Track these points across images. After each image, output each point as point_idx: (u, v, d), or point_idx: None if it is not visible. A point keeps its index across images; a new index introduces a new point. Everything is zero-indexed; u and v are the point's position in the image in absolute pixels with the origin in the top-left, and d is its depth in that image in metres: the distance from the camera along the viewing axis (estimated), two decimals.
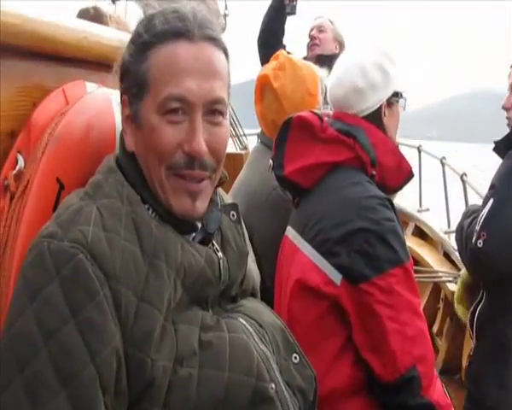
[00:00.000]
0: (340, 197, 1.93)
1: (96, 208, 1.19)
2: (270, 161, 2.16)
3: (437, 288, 4.81)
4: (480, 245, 2.53)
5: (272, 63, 2.74)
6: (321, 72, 2.60)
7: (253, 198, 2.51)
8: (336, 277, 1.81)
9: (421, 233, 5.57)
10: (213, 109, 1.27)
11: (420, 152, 6.29)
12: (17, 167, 1.36)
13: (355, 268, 1.78)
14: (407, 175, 2.05)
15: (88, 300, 1.09)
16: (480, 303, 2.73)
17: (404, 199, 6.32)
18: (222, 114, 1.29)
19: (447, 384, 3.13)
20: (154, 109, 1.24)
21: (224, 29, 4.11)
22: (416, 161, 6.31)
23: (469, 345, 3.10)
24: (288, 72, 2.60)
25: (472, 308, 2.80)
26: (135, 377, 1.13)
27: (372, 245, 1.78)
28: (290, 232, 2.08)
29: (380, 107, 2.04)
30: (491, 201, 2.58)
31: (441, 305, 4.66)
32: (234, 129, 6.10)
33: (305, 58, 4.14)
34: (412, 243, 5.42)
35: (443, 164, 5.78)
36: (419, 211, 5.89)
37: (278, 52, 2.81)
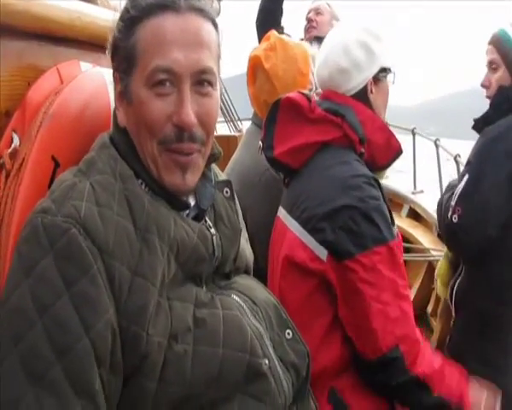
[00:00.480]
0: (326, 176, 1.93)
1: (89, 184, 1.20)
2: (260, 143, 2.17)
3: (431, 268, 4.84)
4: (455, 220, 2.55)
5: (263, 44, 2.74)
6: (312, 49, 2.60)
7: (247, 178, 2.52)
8: (322, 253, 1.83)
9: (415, 215, 5.59)
10: (201, 79, 1.27)
11: (414, 135, 6.31)
12: (12, 146, 1.37)
13: (339, 244, 1.80)
14: (396, 152, 2.06)
15: (81, 273, 1.09)
16: (459, 277, 2.76)
17: (399, 181, 6.36)
18: (211, 84, 1.29)
19: None
20: (143, 83, 1.24)
21: (218, 14, 4.09)
22: (410, 144, 6.34)
23: None
24: (279, 52, 2.60)
25: (452, 282, 2.81)
26: (130, 351, 1.14)
27: (357, 222, 1.79)
28: (281, 212, 2.10)
29: (366, 85, 2.05)
30: (467, 176, 2.59)
31: (436, 285, 4.68)
32: (229, 114, 6.10)
33: (302, 40, 4.14)
34: (407, 224, 5.45)
35: (437, 146, 5.80)
36: (413, 193, 5.91)
37: (269, 33, 2.80)
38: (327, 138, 1.99)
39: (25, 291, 1.08)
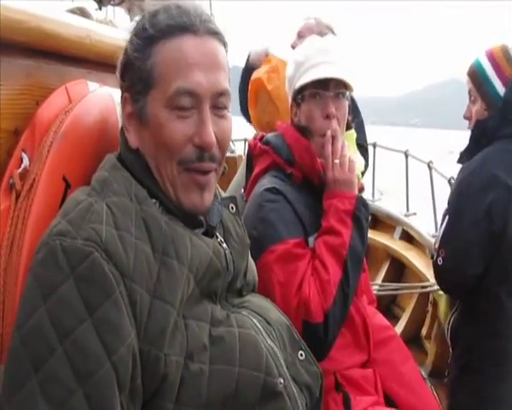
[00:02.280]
0: (251, 198, 2.04)
1: (105, 206, 1.18)
2: (242, 191, 2.29)
3: (424, 291, 4.82)
4: (440, 262, 2.59)
5: (265, 67, 2.76)
6: None
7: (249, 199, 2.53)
8: None
9: (408, 237, 5.58)
10: (219, 102, 1.28)
11: (407, 157, 6.32)
12: (22, 166, 1.34)
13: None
14: (319, 175, 2.04)
15: (104, 298, 1.07)
16: (455, 312, 2.75)
17: (391, 203, 6.35)
18: (226, 106, 1.31)
19: (436, 387, 3.11)
20: (163, 104, 1.24)
21: None
22: (403, 166, 6.36)
23: None
24: (281, 74, 2.62)
25: (449, 317, 2.80)
26: (150, 375, 1.12)
27: (257, 228, 1.86)
28: None
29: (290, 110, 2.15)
30: (447, 217, 2.60)
31: (430, 308, 4.67)
32: None
33: None
34: (400, 246, 5.43)
35: (430, 168, 5.81)
36: (406, 215, 5.90)
37: (270, 56, 2.82)
38: (262, 167, 2.10)
39: (43, 316, 1.05)
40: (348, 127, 2.14)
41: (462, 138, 2.78)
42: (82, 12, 3.67)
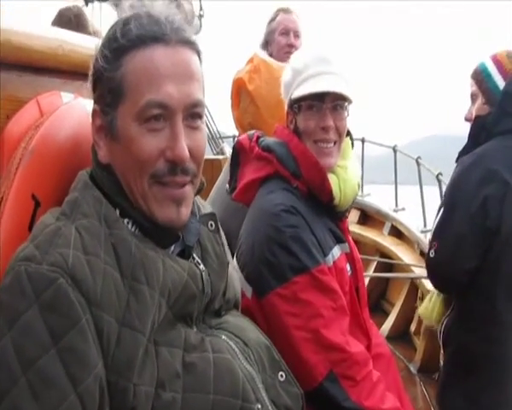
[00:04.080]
0: (254, 209, 1.97)
1: (74, 229, 1.15)
2: (227, 186, 2.19)
3: (414, 286, 4.84)
4: (432, 255, 2.58)
5: (247, 66, 2.73)
6: None
7: (231, 204, 2.50)
8: (247, 289, 1.83)
9: (397, 233, 5.59)
10: (193, 113, 1.24)
11: (395, 152, 6.32)
12: None
13: (259, 279, 1.80)
14: (329, 196, 1.95)
15: (70, 326, 1.04)
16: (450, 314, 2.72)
17: (380, 199, 6.36)
18: (200, 117, 1.27)
19: (425, 383, 3.09)
20: (133, 118, 1.20)
21: (198, 31, 4.04)
22: (392, 161, 6.36)
23: None
24: (263, 74, 2.60)
25: (444, 318, 2.76)
26: (117, 407, 1.08)
27: (274, 254, 1.79)
28: None
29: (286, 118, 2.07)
30: (442, 209, 2.59)
31: (418, 304, 4.68)
32: (210, 132, 6.06)
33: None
34: (389, 242, 5.45)
35: (418, 164, 5.82)
36: (395, 210, 5.92)
37: (253, 55, 2.79)
38: (262, 175, 2.01)
39: (7, 344, 1.02)
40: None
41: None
42: (78, 10, 3.56)
